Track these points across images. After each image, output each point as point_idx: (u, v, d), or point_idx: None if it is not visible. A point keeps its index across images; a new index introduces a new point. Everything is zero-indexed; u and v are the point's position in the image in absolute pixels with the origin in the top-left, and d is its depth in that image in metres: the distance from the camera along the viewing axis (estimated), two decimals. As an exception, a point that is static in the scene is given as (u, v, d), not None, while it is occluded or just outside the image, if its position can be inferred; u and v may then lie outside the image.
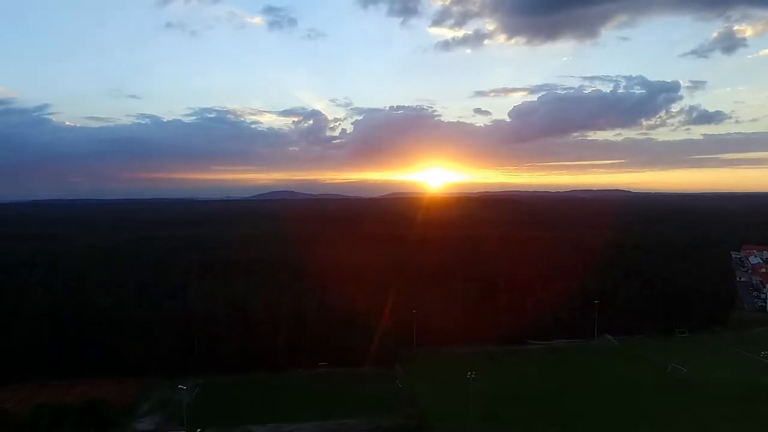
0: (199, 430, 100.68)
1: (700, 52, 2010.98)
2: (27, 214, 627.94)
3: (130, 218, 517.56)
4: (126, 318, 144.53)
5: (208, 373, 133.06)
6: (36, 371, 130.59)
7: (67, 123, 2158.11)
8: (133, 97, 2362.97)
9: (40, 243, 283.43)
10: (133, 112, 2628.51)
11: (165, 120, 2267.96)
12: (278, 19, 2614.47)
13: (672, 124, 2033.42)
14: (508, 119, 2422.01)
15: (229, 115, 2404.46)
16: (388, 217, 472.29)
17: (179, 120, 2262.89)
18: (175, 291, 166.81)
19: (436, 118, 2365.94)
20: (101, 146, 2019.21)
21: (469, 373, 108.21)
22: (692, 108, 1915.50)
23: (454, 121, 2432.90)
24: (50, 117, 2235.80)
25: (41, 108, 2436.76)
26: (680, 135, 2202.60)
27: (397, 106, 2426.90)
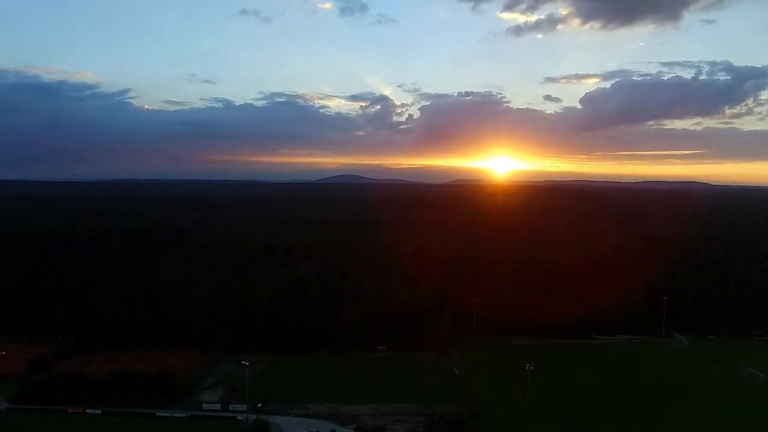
0: (260, 405, 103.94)
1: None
2: (107, 192, 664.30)
3: (200, 198, 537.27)
4: (194, 294, 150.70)
5: (269, 351, 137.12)
6: (112, 340, 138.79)
7: (146, 107, 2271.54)
8: (207, 81, 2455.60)
9: (118, 220, 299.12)
10: (207, 96, 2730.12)
11: (237, 104, 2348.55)
12: (349, 4, 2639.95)
13: (759, 113, 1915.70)
14: (579, 106, 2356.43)
15: (298, 100, 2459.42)
16: (452, 204, 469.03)
17: (250, 104, 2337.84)
18: (241, 270, 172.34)
19: (505, 105, 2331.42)
20: (176, 129, 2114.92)
21: (528, 364, 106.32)
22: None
23: (523, 107, 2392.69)
24: (131, 101, 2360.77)
25: (123, 92, 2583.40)
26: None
27: (465, 92, 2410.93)
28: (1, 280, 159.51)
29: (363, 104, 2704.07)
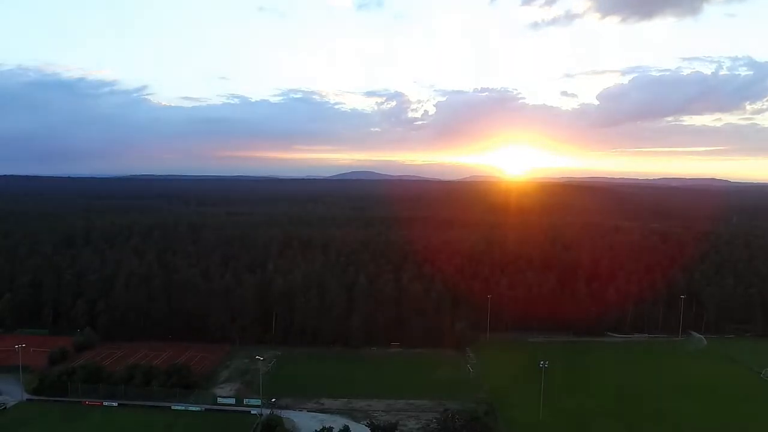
0: (274, 399, 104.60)
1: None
2: (124, 188, 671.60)
3: (216, 194, 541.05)
4: (210, 289, 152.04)
5: (284, 345, 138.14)
6: (130, 333, 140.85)
7: (163, 103, 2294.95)
8: (223, 78, 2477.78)
9: (136, 216, 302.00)
10: (224, 92, 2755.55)
11: (253, 100, 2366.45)
12: (366, 1, 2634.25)
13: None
14: (596, 102, 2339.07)
15: (314, 96, 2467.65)
16: (467, 201, 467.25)
17: (266, 100, 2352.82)
18: (256, 265, 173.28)
19: (521, 101, 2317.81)
20: (193, 125, 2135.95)
21: (541, 362, 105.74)
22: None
23: (539, 104, 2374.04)
24: (148, 97, 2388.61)
25: (140, 89, 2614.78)
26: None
27: (481, 88, 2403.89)
28: (23, 274, 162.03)
29: (378, 100, 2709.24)
